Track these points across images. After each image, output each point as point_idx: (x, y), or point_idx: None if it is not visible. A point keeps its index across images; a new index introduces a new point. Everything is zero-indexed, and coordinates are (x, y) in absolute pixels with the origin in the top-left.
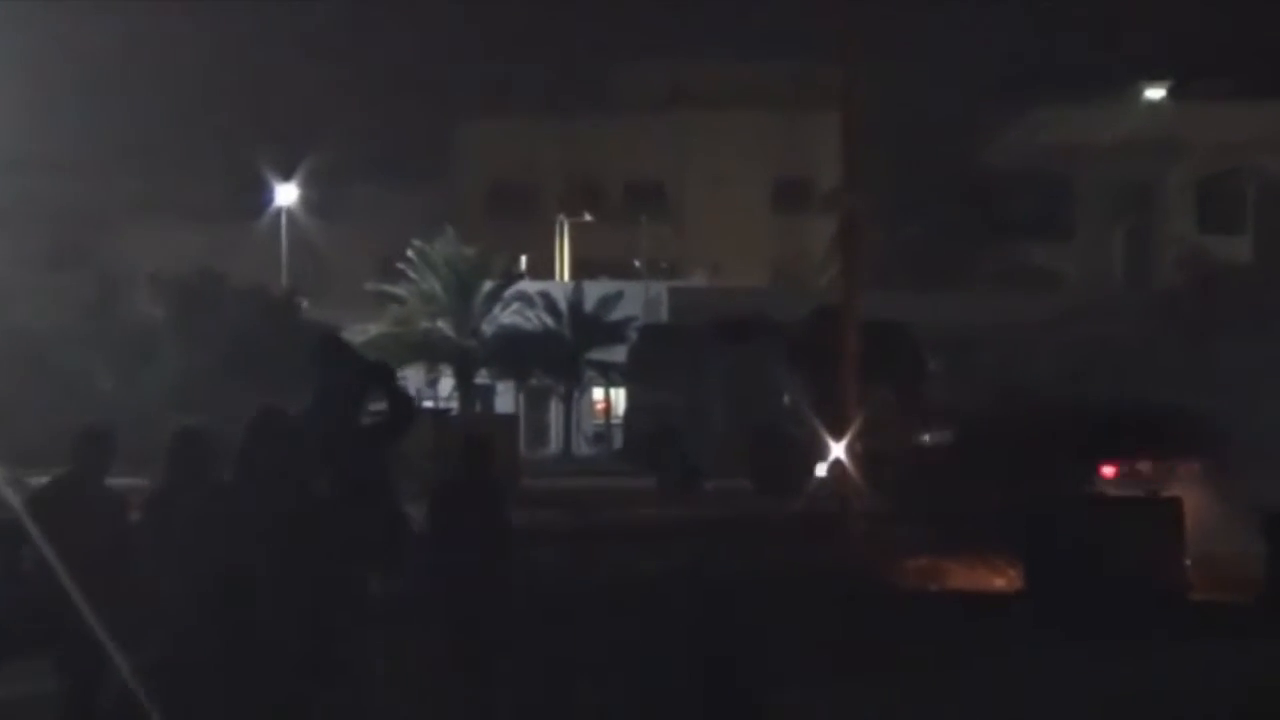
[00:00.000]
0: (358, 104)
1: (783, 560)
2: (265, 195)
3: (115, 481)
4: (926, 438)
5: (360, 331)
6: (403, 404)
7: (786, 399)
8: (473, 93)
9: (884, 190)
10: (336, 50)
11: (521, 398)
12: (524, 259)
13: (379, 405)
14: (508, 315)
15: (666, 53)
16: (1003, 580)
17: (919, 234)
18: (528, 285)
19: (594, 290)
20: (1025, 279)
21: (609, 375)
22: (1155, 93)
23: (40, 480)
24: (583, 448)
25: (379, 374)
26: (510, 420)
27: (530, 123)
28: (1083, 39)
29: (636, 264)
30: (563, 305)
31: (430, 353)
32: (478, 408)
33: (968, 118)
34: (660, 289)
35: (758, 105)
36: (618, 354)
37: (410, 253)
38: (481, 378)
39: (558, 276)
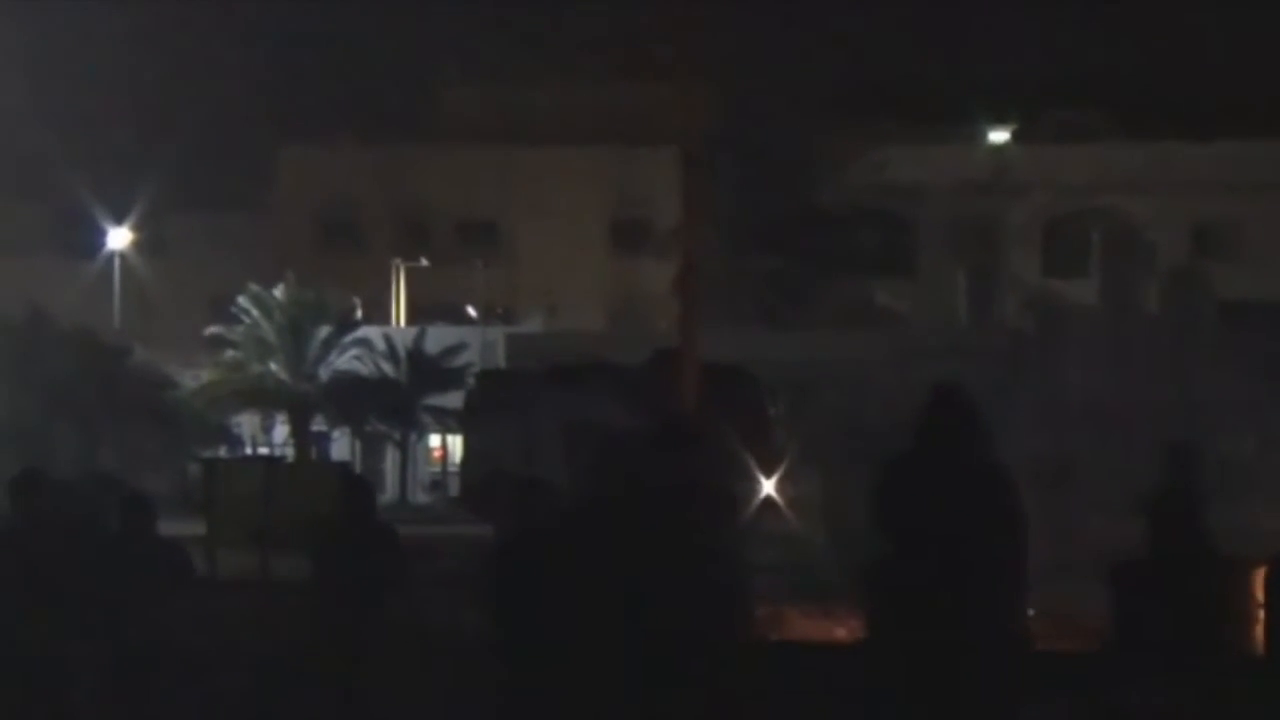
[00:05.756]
0: (184, 132)
1: None
2: (95, 234)
3: None
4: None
5: (193, 377)
6: None
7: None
8: (299, 120)
9: (725, 229)
10: (161, 77)
11: (357, 444)
12: (358, 301)
13: None
14: (344, 360)
15: (497, 81)
16: (844, 630)
17: (761, 273)
18: (367, 330)
19: (431, 335)
20: (868, 318)
21: (446, 421)
22: (1000, 134)
23: None
24: (419, 495)
25: None
26: (345, 467)
27: (359, 154)
28: (928, 78)
29: (471, 311)
30: (400, 350)
31: (265, 399)
32: (313, 455)
33: (811, 155)
34: (497, 334)
35: (593, 138)
36: (455, 400)
37: (244, 299)
38: (318, 424)
39: (394, 321)
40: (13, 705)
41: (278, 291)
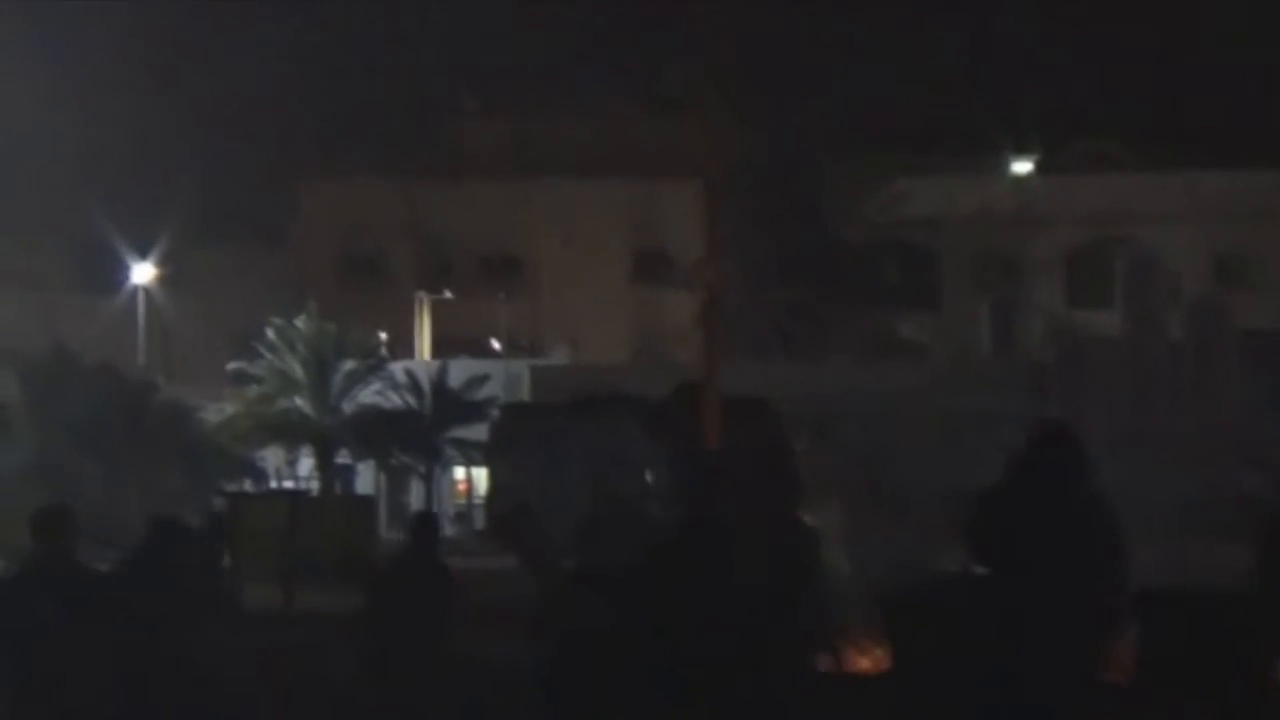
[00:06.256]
0: (207, 168)
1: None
2: (118, 269)
3: None
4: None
5: (217, 411)
6: None
7: (649, 476)
8: (321, 155)
9: (747, 261)
10: (184, 113)
11: (382, 478)
12: (383, 335)
13: None
14: (368, 394)
15: (519, 115)
16: (869, 661)
17: (784, 305)
18: (392, 363)
19: (455, 369)
20: (891, 350)
21: (470, 454)
22: (1023, 165)
23: None
24: (444, 528)
25: None
26: (369, 501)
27: (381, 189)
28: (950, 109)
29: (495, 344)
30: (425, 384)
31: (289, 433)
32: (338, 488)
33: (833, 187)
34: (522, 367)
35: (615, 172)
36: (479, 432)
37: (270, 332)
38: (342, 457)
39: (418, 354)
40: None
41: (299, 322)
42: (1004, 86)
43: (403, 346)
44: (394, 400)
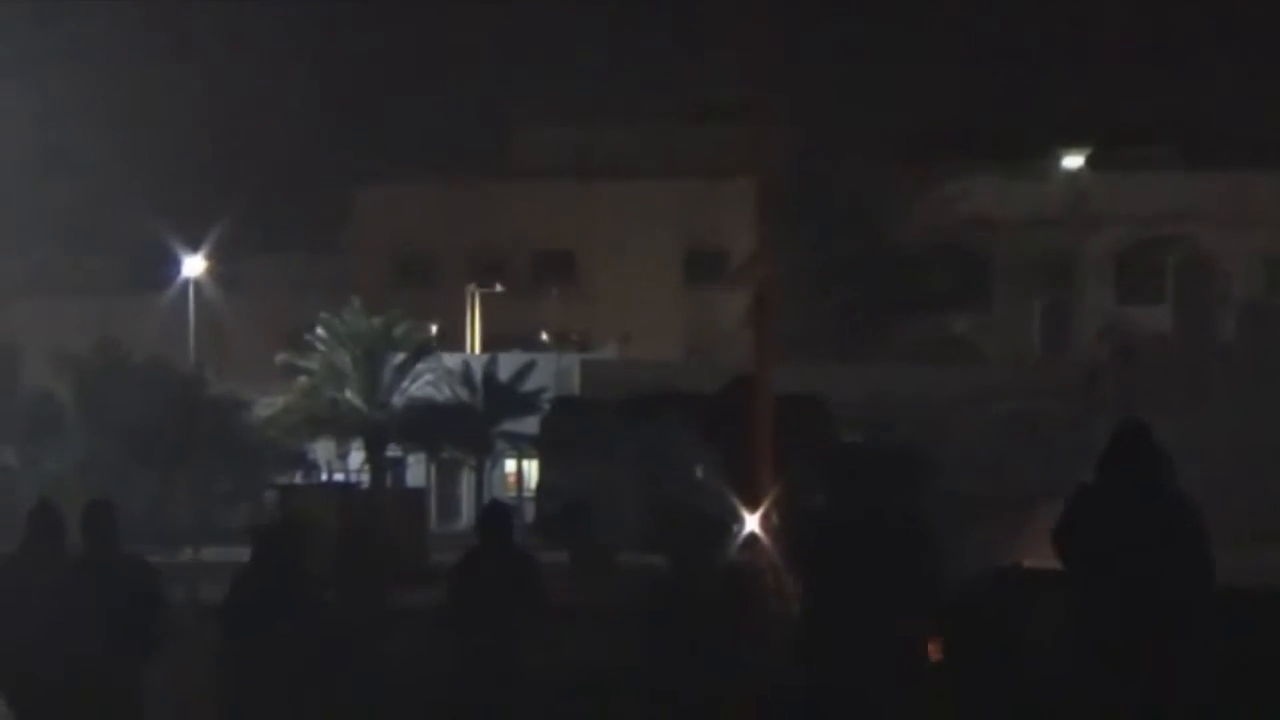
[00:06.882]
0: (257, 169)
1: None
2: (168, 267)
3: None
4: None
5: (268, 405)
6: None
7: (700, 472)
8: (375, 158)
9: (799, 261)
10: (233, 114)
11: (433, 470)
12: (434, 329)
13: None
14: (418, 387)
15: (569, 117)
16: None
17: (835, 306)
18: (442, 356)
19: (506, 362)
20: (943, 352)
21: (521, 447)
22: (1073, 162)
23: None
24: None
25: None
26: (419, 493)
27: (433, 189)
28: (1001, 110)
29: (544, 337)
30: (476, 376)
31: (339, 425)
32: (389, 481)
33: (885, 189)
34: (572, 360)
35: (667, 173)
36: (530, 425)
37: (319, 329)
38: (393, 450)
39: (469, 348)
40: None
41: (346, 315)
42: (1055, 87)
43: (454, 341)
44: (444, 393)
